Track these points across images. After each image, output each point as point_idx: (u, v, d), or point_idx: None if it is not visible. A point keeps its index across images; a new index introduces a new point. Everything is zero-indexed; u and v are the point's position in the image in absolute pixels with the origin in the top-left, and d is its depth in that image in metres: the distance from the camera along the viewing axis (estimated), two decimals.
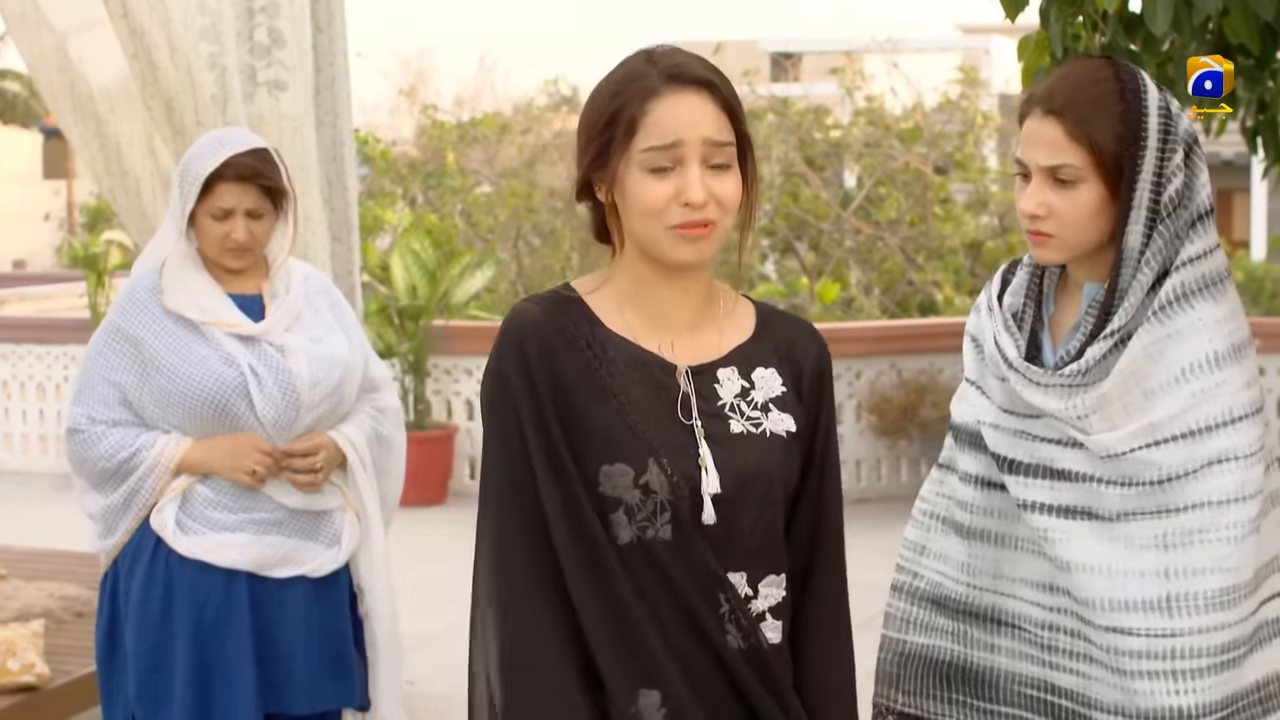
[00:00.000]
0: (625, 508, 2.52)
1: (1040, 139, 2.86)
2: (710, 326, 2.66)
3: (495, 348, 2.59)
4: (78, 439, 4.24)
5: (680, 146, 2.51)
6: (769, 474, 2.60)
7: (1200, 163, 2.85)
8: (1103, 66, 2.89)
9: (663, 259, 2.57)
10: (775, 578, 2.63)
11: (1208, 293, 2.82)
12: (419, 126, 20.43)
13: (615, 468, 2.52)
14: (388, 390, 4.57)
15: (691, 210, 2.51)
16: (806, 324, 2.78)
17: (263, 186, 4.21)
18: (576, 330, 2.58)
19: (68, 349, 12.29)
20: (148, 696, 4.18)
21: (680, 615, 2.53)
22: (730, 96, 2.57)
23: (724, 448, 2.57)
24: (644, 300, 2.62)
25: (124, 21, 5.35)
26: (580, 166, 2.59)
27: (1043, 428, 2.90)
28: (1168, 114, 2.83)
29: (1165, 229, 2.80)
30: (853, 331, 12.11)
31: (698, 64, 2.56)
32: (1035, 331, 2.97)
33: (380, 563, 4.41)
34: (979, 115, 17.12)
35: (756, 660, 2.58)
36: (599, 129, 2.55)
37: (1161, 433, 2.78)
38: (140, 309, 4.20)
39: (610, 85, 2.56)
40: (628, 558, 2.52)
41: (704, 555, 2.53)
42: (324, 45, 6.08)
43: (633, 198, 2.53)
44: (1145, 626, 2.77)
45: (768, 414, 2.63)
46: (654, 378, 2.59)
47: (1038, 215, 2.86)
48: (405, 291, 11.10)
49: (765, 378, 2.65)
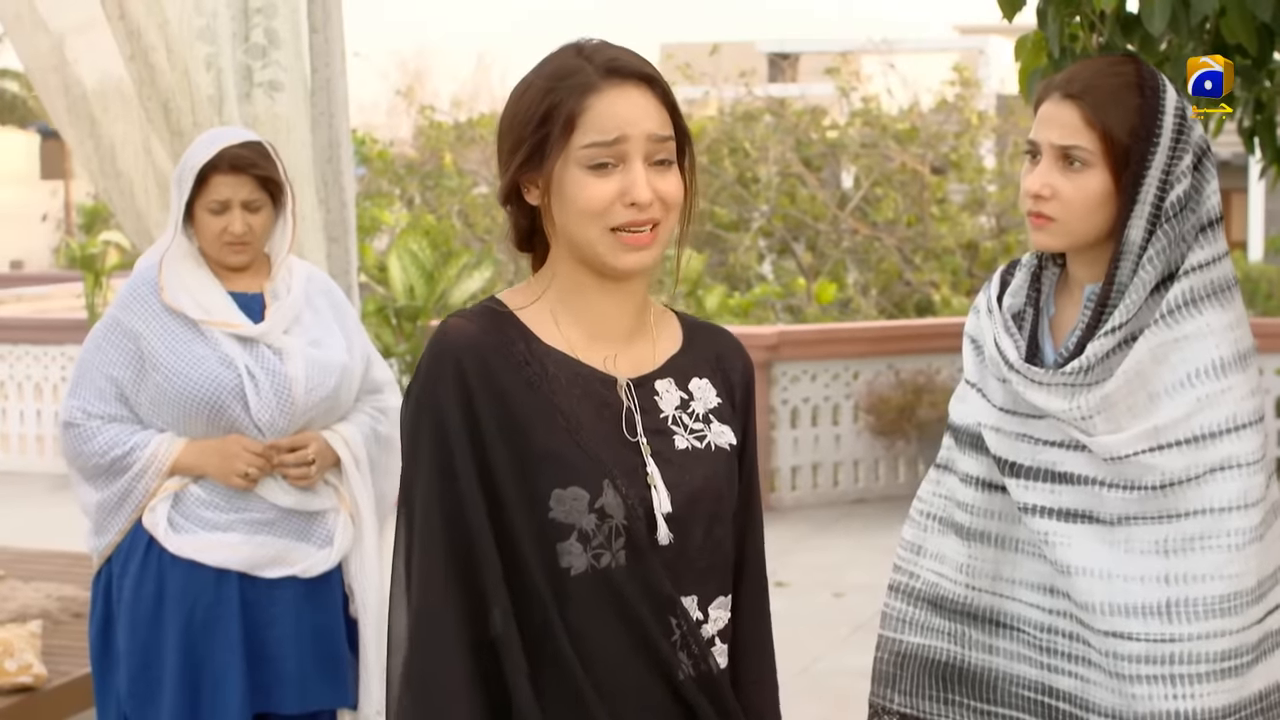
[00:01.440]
0: (579, 534, 2.37)
1: (1056, 120, 2.87)
2: (645, 337, 2.53)
3: (426, 368, 2.42)
4: (72, 433, 4.24)
5: (624, 143, 2.38)
6: (716, 490, 2.49)
7: (1210, 171, 2.86)
8: (1125, 62, 2.91)
9: (602, 266, 2.43)
10: (723, 599, 2.53)
11: (1215, 299, 2.82)
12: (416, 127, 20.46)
13: (569, 491, 2.37)
14: (391, 391, 4.56)
15: (637, 210, 2.38)
16: (729, 334, 2.67)
17: (258, 178, 4.21)
18: (513, 347, 2.42)
19: (65, 349, 12.29)
20: (138, 695, 4.18)
21: (632, 645, 2.41)
22: (668, 91, 2.46)
23: (671, 465, 2.45)
24: (580, 311, 2.48)
25: (121, 23, 5.35)
26: (508, 168, 2.44)
27: (1045, 430, 2.90)
28: (1183, 117, 2.84)
29: (1169, 230, 2.80)
30: (850, 332, 12.12)
31: (633, 58, 2.45)
32: (1035, 332, 2.96)
33: (371, 563, 4.40)
34: (975, 116, 17.13)
35: (708, 686, 2.48)
36: (531, 127, 2.40)
37: (1165, 437, 2.78)
38: (141, 304, 4.20)
39: (541, 81, 2.42)
40: (578, 588, 2.38)
41: (659, 580, 2.42)
42: (320, 46, 6.08)
43: (572, 198, 2.39)
44: (1145, 631, 2.76)
45: (709, 425, 2.53)
46: (596, 393, 2.45)
47: (1041, 195, 2.86)
48: (403, 292, 11.12)
49: (701, 388, 2.55)
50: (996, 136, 18.18)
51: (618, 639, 2.41)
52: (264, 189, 4.23)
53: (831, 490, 11.28)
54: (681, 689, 2.44)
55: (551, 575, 2.38)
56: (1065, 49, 4.01)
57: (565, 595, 2.38)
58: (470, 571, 2.37)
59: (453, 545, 2.38)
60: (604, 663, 2.40)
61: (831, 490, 11.28)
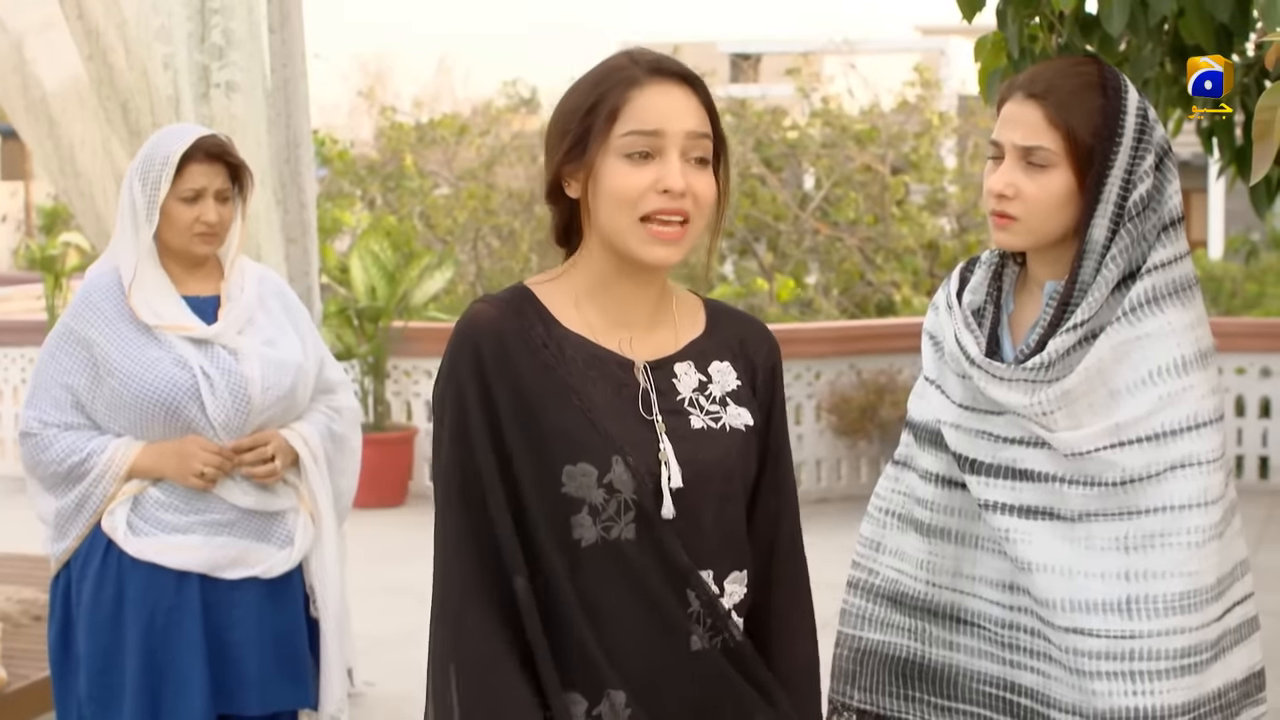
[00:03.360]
0: (589, 508, 2.49)
1: (1018, 120, 2.88)
2: (666, 323, 2.64)
3: (450, 350, 2.55)
4: (30, 442, 4.24)
5: (662, 136, 2.49)
6: (727, 468, 2.59)
7: (1172, 171, 2.88)
8: (1088, 62, 2.93)
9: (631, 256, 2.53)
10: (739, 574, 2.61)
11: (1177, 298, 2.84)
12: (377, 128, 20.41)
13: (579, 467, 2.49)
14: (344, 391, 4.56)
15: (669, 198, 2.49)
16: (756, 320, 2.78)
17: (229, 167, 4.24)
18: (532, 330, 2.54)
19: (24, 351, 12.21)
20: (98, 698, 4.17)
21: (646, 614, 2.51)
22: (708, 94, 2.58)
23: (685, 443, 2.56)
24: (602, 297, 2.59)
25: (79, 22, 5.33)
26: (554, 161, 2.56)
27: (1004, 426, 2.91)
28: (1145, 117, 2.85)
29: (1131, 229, 2.82)
30: (812, 332, 12.13)
31: (676, 61, 2.57)
32: (995, 329, 2.97)
33: (331, 563, 4.40)
34: (936, 116, 17.16)
35: (734, 656, 2.57)
36: (577, 118, 2.52)
37: (1126, 434, 2.80)
38: (93, 311, 4.19)
39: (590, 77, 2.55)
40: (591, 559, 2.49)
41: (673, 552, 2.52)
42: (278, 47, 6.07)
43: (608, 186, 2.50)
44: (1105, 628, 2.77)
45: (726, 408, 2.62)
46: (612, 375, 2.56)
47: (1005, 195, 2.88)
48: (364, 293, 11.08)
49: (721, 372, 2.65)
50: (957, 137, 18.21)
51: (628, 607, 2.52)
52: (232, 181, 4.24)
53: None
54: (696, 657, 2.54)
55: (565, 546, 2.50)
56: (1024, 50, 4.02)
57: (578, 565, 2.50)
58: (490, 542, 2.50)
59: (472, 517, 2.51)
60: (615, 630, 2.51)
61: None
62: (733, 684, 2.57)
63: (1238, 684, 2.90)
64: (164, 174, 4.15)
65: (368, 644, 7.04)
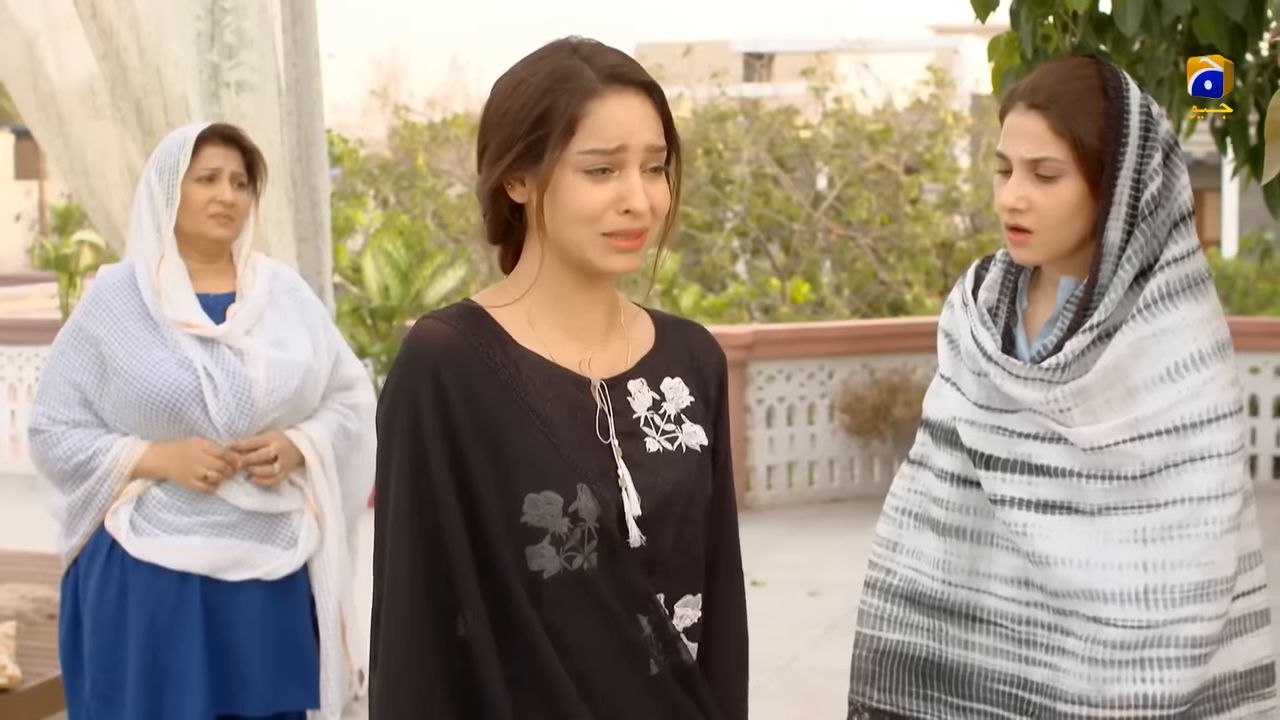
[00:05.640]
0: (552, 537, 2.39)
1: (1023, 132, 2.87)
2: (618, 335, 2.55)
3: (401, 369, 2.43)
4: (38, 439, 4.25)
5: (623, 151, 2.38)
6: (688, 491, 2.51)
7: (1179, 166, 2.87)
8: (1086, 64, 2.91)
9: (588, 266, 2.44)
10: (692, 598, 2.55)
11: (1190, 293, 2.83)
12: (390, 127, 20.44)
13: (542, 495, 2.38)
14: (363, 387, 4.56)
15: (631, 218, 2.39)
16: (702, 329, 2.68)
17: (244, 153, 4.29)
18: (489, 349, 2.43)
19: (39, 350, 12.23)
20: (102, 696, 4.19)
21: (607, 639, 2.44)
22: (664, 100, 2.47)
23: (642, 468, 2.47)
24: (555, 312, 2.49)
25: (93, 22, 5.35)
26: (496, 164, 2.42)
27: (1020, 423, 2.91)
28: (1148, 114, 2.85)
29: (1145, 228, 2.82)
30: (825, 331, 12.13)
31: (632, 64, 2.44)
32: (1009, 326, 2.98)
33: (333, 566, 4.39)
34: (950, 115, 17.15)
35: (684, 679, 2.50)
36: (526, 126, 2.38)
37: (1145, 428, 2.80)
38: (103, 309, 4.20)
39: (539, 81, 2.39)
40: (552, 590, 2.40)
41: (633, 578, 2.44)
42: (291, 46, 6.08)
43: (566, 202, 2.39)
44: (1122, 618, 2.78)
45: (681, 426, 2.54)
46: (569, 395, 2.46)
47: (1018, 209, 2.87)
48: (378, 292, 11.10)
49: (674, 388, 2.56)
50: (971, 136, 18.19)
51: (591, 634, 2.43)
52: (246, 169, 4.29)
53: (807, 489, 11.29)
54: (655, 683, 2.47)
55: (524, 576, 2.39)
56: (1038, 49, 4.02)
57: (539, 595, 2.40)
58: (441, 571, 2.39)
59: (424, 545, 2.40)
60: (579, 657, 2.42)
61: (807, 489, 11.29)
62: (685, 711, 2.49)
63: (1237, 675, 2.90)
64: (181, 156, 4.19)
65: None
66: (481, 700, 2.40)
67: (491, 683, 2.39)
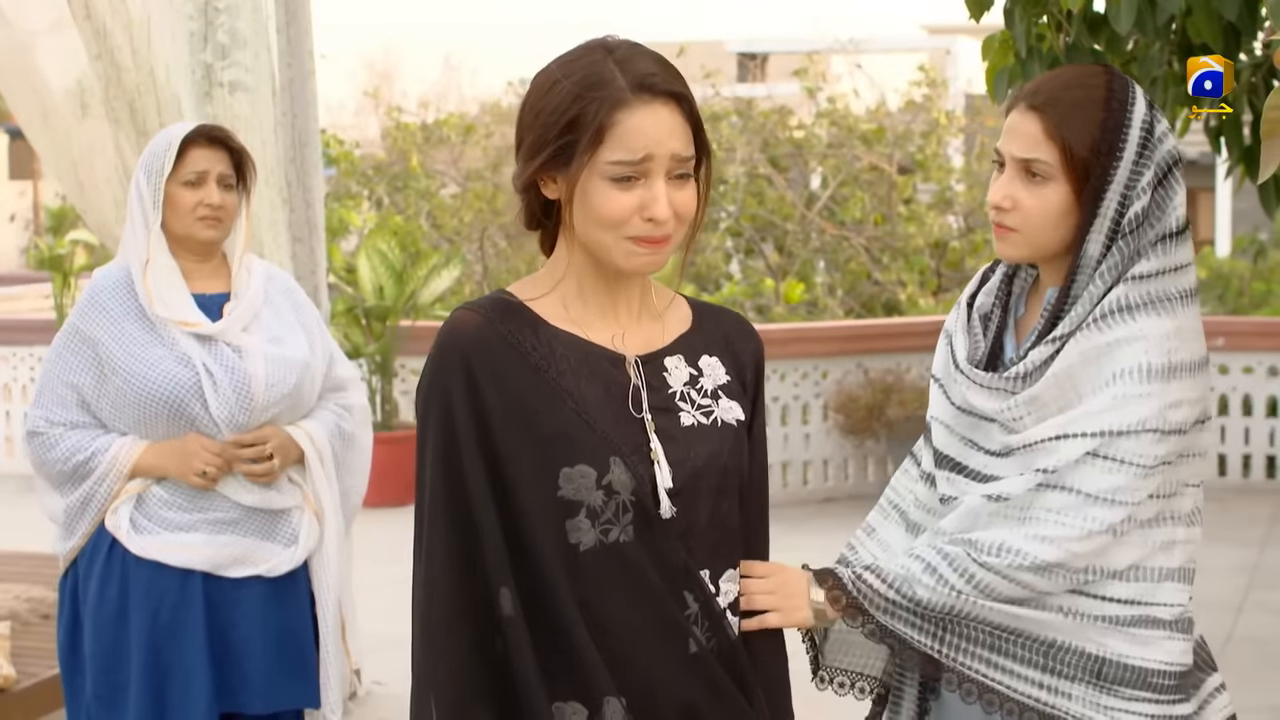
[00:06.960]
0: (587, 510, 2.46)
1: (1019, 131, 2.88)
2: (652, 317, 2.63)
3: (435, 360, 2.51)
4: (36, 441, 4.26)
5: (649, 161, 2.45)
6: (721, 465, 2.57)
7: (1177, 183, 2.85)
8: (1097, 73, 2.90)
9: (613, 266, 2.52)
10: (733, 572, 2.61)
11: (1155, 308, 2.80)
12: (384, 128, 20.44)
13: (576, 469, 2.46)
14: (355, 389, 4.56)
15: (654, 225, 2.47)
16: (740, 316, 2.77)
17: (231, 154, 4.28)
18: (520, 334, 2.51)
19: (34, 350, 12.23)
20: (104, 696, 4.19)
21: (644, 617, 2.49)
22: (695, 108, 2.53)
23: (675, 442, 2.54)
24: (589, 292, 2.57)
25: (87, 22, 5.35)
26: (531, 162, 2.50)
27: (983, 437, 2.92)
28: (1149, 132, 2.83)
29: (1125, 245, 2.81)
30: (819, 331, 12.13)
31: (663, 71, 2.49)
32: (1000, 333, 2.99)
33: (332, 561, 4.40)
34: (943, 115, 17.16)
35: (726, 657, 2.56)
36: (557, 130, 2.46)
37: (1072, 428, 2.78)
38: (99, 310, 4.20)
39: (571, 86, 2.46)
40: (589, 563, 2.47)
41: (672, 553, 2.50)
42: (285, 46, 6.08)
43: (592, 206, 2.47)
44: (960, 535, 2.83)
45: (718, 401, 2.61)
46: (604, 371, 2.54)
47: (1002, 207, 2.89)
48: (372, 292, 11.10)
49: (711, 365, 2.64)
50: (964, 136, 18.22)
51: (629, 612, 2.49)
52: (234, 170, 4.28)
53: (801, 489, 11.29)
54: (694, 661, 2.52)
55: (561, 552, 2.47)
56: (1032, 49, 4.02)
57: (576, 570, 2.48)
58: (475, 554, 2.47)
59: (458, 529, 2.49)
60: (614, 635, 2.48)
61: (801, 489, 11.29)
62: (725, 689, 2.54)
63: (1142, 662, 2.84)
64: (166, 158, 4.19)
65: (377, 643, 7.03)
66: (518, 679, 2.46)
67: (526, 664, 2.45)
